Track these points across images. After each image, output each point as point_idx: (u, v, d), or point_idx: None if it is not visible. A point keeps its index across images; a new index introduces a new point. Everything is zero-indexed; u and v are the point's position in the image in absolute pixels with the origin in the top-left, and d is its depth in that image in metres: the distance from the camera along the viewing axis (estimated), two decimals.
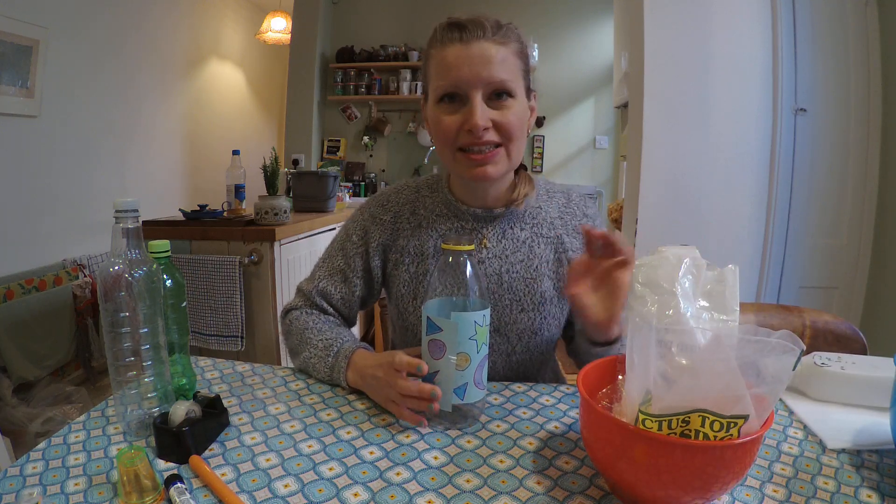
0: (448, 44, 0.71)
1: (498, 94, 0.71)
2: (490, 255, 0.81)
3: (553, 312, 0.82)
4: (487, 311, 0.63)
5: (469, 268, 0.63)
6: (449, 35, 0.71)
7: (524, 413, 0.69)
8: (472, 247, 0.63)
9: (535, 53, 3.86)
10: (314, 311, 0.86)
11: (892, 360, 0.63)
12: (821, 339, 0.96)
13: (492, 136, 0.72)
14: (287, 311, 0.89)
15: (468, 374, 0.63)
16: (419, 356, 0.65)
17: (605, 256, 0.67)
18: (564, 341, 0.91)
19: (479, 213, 0.81)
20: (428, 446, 0.61)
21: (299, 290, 0.90)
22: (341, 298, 0.87)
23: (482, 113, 0.70)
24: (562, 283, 0.82)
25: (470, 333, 0.62)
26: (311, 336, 0.80)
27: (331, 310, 0.88)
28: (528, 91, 0.76)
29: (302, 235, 1.98)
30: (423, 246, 0.83)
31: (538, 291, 0.81)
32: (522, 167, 0.86)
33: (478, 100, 0.70)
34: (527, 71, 0.75)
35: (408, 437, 0.63)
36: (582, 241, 0.82)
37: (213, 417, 0.62)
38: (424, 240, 0.83)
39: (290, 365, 0.85)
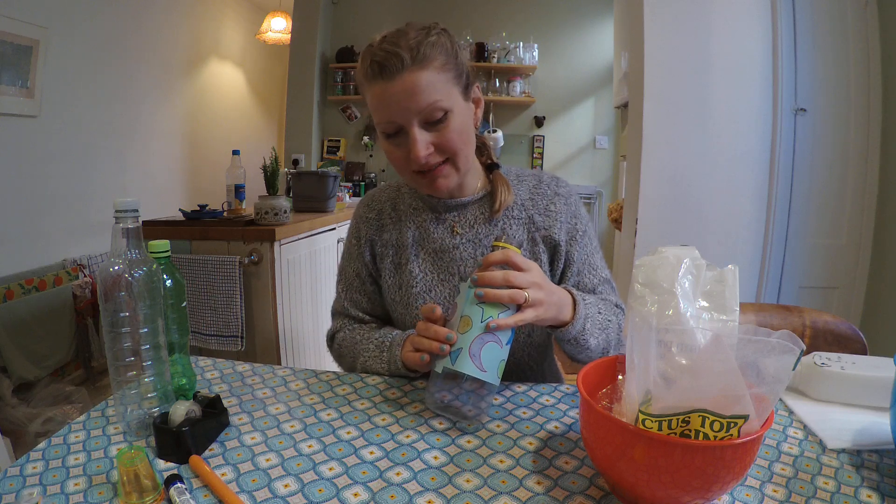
0: (373, 81, 0.72)
1: (433, 117, 0.72)
2: (463, 241, 0.85)
3: None
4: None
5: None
6: (371, 72, 0.72)
7: (524, 413, 0.69)
8: (519, 251, 0.67)
9: (535, 53, 3.86)
10: (355, 326, 0.91)
11: (892, 360, 0.63)
12: (821, 339, 0.96)
13: (436, 157, 0.75)
14: (331, 336, 0.95)
15: (465, 340, 0.62)
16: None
17: None
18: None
19: (450, 204, 0.86)
20: (428, 446, 0.61)
21: (333, 313, 0.97)
22: (369, 300, 0.92)
23: (421, 143, 0.72)
24: (537, 262, 0.84)
25: (477, 300, 0.63)
26: (362, 346, 0.84)
27: (367, 317, 0.93)
28: (467, 89, 0.77)
29: (302, 235, 1.98)
30: (403, 237, 0.88)
31: None
32: (496, 166, 0.88)
33: (415, 131, 0.72)
34: (459, 74, 0.75)
35: (408, 437, 0.63)
36: (553, 219, 0.85)
37: (213, 417, 0.62)
38: (404, 232, 0.88)
39: (290, 365, 0.85)
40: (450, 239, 0.85)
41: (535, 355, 0.90)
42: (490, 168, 0.89)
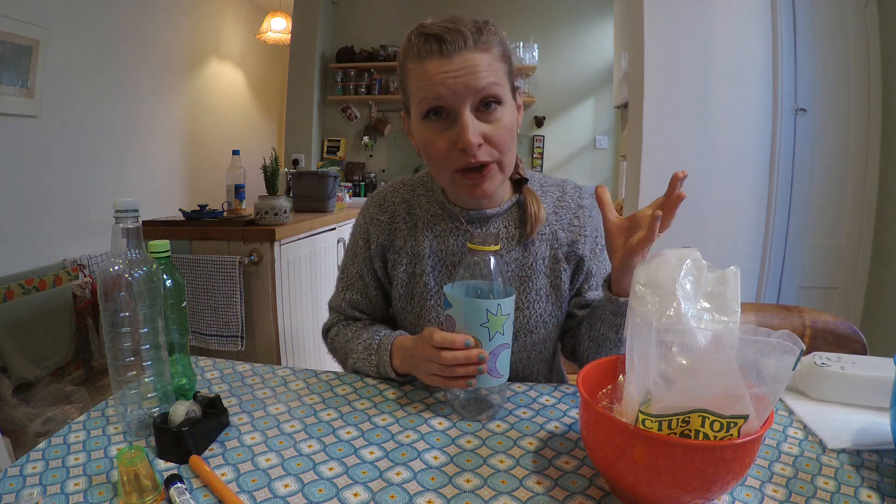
0: (427, 58, 0.67)
1: (486, 104, 0.68)
2: None
3: (549, 310, 0.82)
4: (505, 301, 0.63)
5: (492, 266, 0.64)
6: (427, 48, 0.66)
7: (524, 413, 0.69)
8: (498, 247, 0.65)
9: (535, 53, 3.86)
10: (349, 323, 0.90)
11: (892, 360, 0.63)
12: (821, 339, 0.96)
13: (485, 154, 0.69)
14: (326, 330, 0.94)
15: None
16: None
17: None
18: (562, 345, 0.91)
19: (472, 215, 0.81)
20: (428, 446, 0.61)
21: (330, 308, 0.95)
22: (369, 303, 0.90)
23: (473, 130, 0.67)
24: (557, 281, 0.82)
25: (481, 320, 0.63)
26: (352, 345, 0.83)
27: (365, 317, 0.91)
28: (514, 91, 0.74)
29: (302, 235, 1.98)
30: (419, 247, 0.83)
31: (533, 289, 0.81)
32: (524, 180, 0.83)
33: (467, 115, 0.67)
34: (511, 71, 0.72)
35: (408, 437, 0.63)
36: (577, 234, 0.82)
37: (213, 417, 0.62)
38: (420, 241, 0.83)
39: (290, 365, 0.85)
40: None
41: (545, 369, 0.90)
42: (518, 182, 0.83)
